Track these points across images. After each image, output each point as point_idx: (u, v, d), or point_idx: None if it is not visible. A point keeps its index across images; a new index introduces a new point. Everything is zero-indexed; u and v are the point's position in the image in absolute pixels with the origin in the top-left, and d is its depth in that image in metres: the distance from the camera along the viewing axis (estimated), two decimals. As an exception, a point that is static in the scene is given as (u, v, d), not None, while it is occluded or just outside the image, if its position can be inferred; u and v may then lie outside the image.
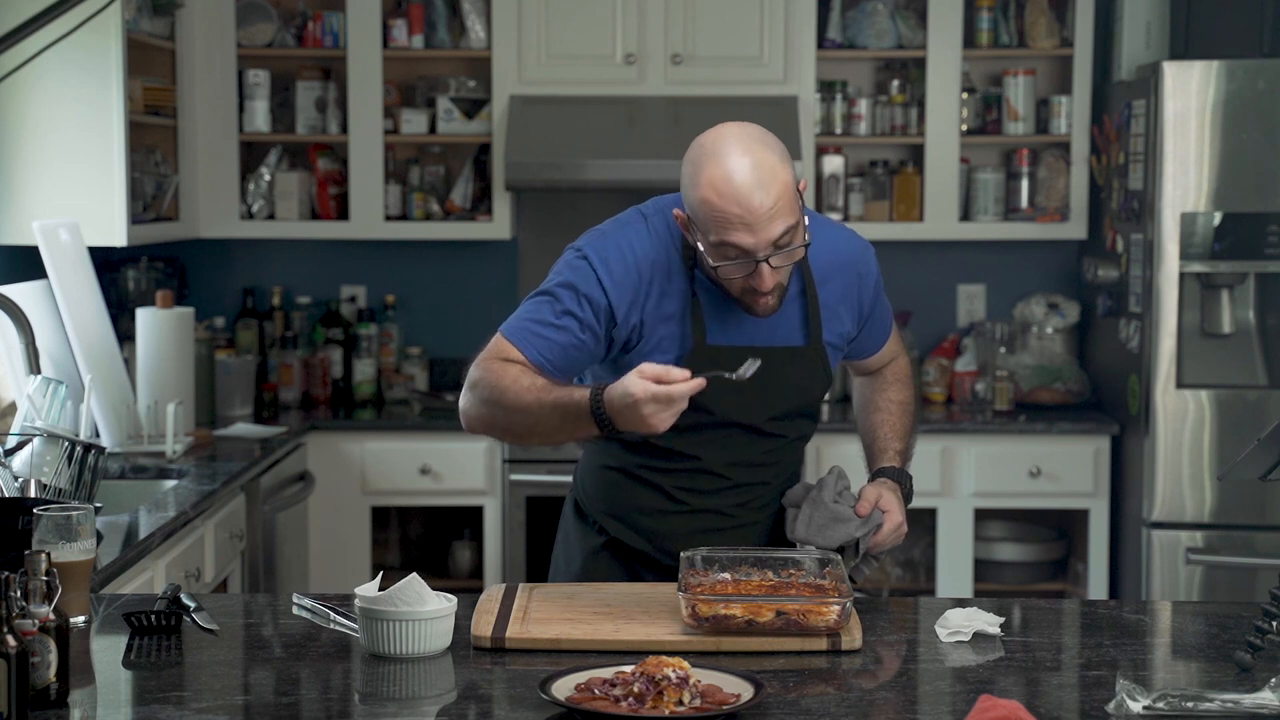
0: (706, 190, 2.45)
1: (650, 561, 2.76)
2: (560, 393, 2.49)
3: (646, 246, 2.60)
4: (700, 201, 2.47)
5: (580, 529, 2.83)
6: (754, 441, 2.70)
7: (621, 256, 2.59)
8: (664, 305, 2.60)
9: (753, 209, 2.43)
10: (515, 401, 2.51)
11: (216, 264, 5.39)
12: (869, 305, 2.80)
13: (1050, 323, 5.30)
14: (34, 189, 4.27)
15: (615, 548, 2.78)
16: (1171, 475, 4.58)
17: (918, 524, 5.17)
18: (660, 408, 2.36)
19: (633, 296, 2.58)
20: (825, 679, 2.23)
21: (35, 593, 2.07)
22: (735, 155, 2.45)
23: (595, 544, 2.79)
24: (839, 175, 5.21)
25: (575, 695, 2.04)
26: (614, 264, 2.58)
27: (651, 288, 2.59)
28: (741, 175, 2.44)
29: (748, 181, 2.43)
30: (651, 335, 2.60)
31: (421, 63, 5.24)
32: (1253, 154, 4.53)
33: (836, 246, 2.74)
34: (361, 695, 2.19)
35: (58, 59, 4.14)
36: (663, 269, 2.60)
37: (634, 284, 2.58)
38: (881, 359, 2.92)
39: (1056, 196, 5.19)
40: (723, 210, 2.44)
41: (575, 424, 2.48)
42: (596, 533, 2.80)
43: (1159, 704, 2.04)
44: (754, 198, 2.43)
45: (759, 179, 2.44)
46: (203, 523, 3.74)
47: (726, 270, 2.49)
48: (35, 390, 3.27)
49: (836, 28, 5.18)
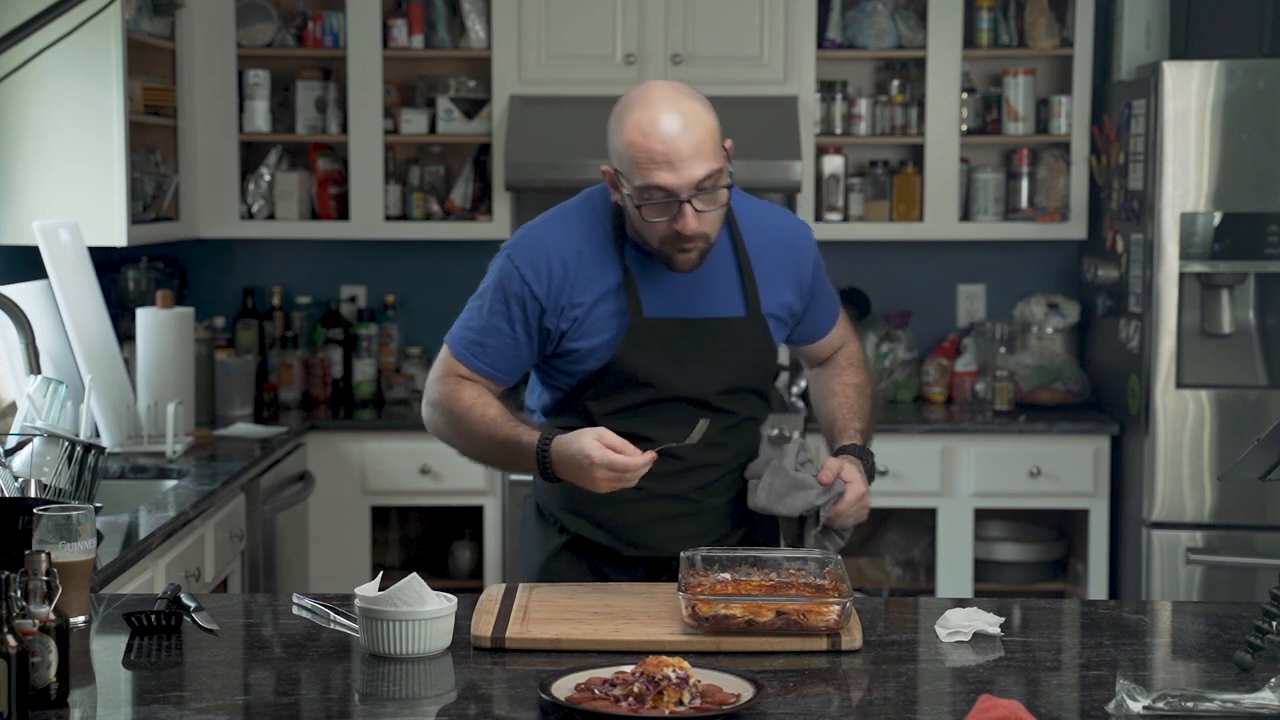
0: (631, 132, 2.53)
1: (612, 556, 2.76)
2: (509, 432, 2.63)
3: (569, 234, 2.68)
4: (625, 144, 2.54)
5: (541, 530, 2.84)
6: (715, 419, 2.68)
7: (543, 249, 2.66)
8: (596, 285, 2.66)
9: (676, 148, 2.51)
10: (469, 431, 2.68)
11: (216, 264, 5.39)
12: (809, 281, 2.83)
13: (1050, 323, 5.30)
14: (34, 189, 4.28)
15: (576, 546, 2.78)
16: (1171, 475, 4.58)
17: (918, 524, 5.17)
18: (613, 477, 2.49)
19: (559, 286, 2.65)
20: (825, 679, 2.23)
21: (35, 593, 2.07)
22: (660, 101, 2.56)
23: (556, 544, 2.79)
24: (839, 175, 5.21)
25: (575, 695, 2.05)
26: (536, 258, 2.66)
27: (580, 272, 2.65)
28: (665, 117, 2.53)
29: (671, 122, 2.53)
30: (588, 316, 2.65)
31: (421, 63, 5.24)
32: (1253, 154, 4.53)
33: (771, 221, 2.81)
34: (361, 695, 2.19)
35: (58, 59, 4.14)
36: (590, 251, 2.66)
37: (559, 273, 2.65)
38: (832, 343, 2.94)
39: (1056, 196, 5.19)
40: (646, 149, 2.52)
41: (522, 462, 2.62)
42: (558, 532, 2.80)
43: (1159, 704, 2.04)
44: (677, 137, 2.52)
45: (683, 121, 2.53)
46: (203, 523, 3.74)
47: (651, 212, 2.55)
48: (35, 390, 3.27)
49: (836, 28, 5.18)
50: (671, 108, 2.54)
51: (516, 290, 2.66)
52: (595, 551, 2.77)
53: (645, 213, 2.56)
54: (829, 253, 5.37)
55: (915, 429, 4.93)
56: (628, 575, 2.75)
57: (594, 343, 2.65)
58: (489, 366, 2.69)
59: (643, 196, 2.55)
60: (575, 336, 2.66)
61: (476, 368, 2.69)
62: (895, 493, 4.92)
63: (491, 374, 2.69)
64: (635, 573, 2.76)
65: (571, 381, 2.71)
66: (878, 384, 5.26)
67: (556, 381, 2.74)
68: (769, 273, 2.75)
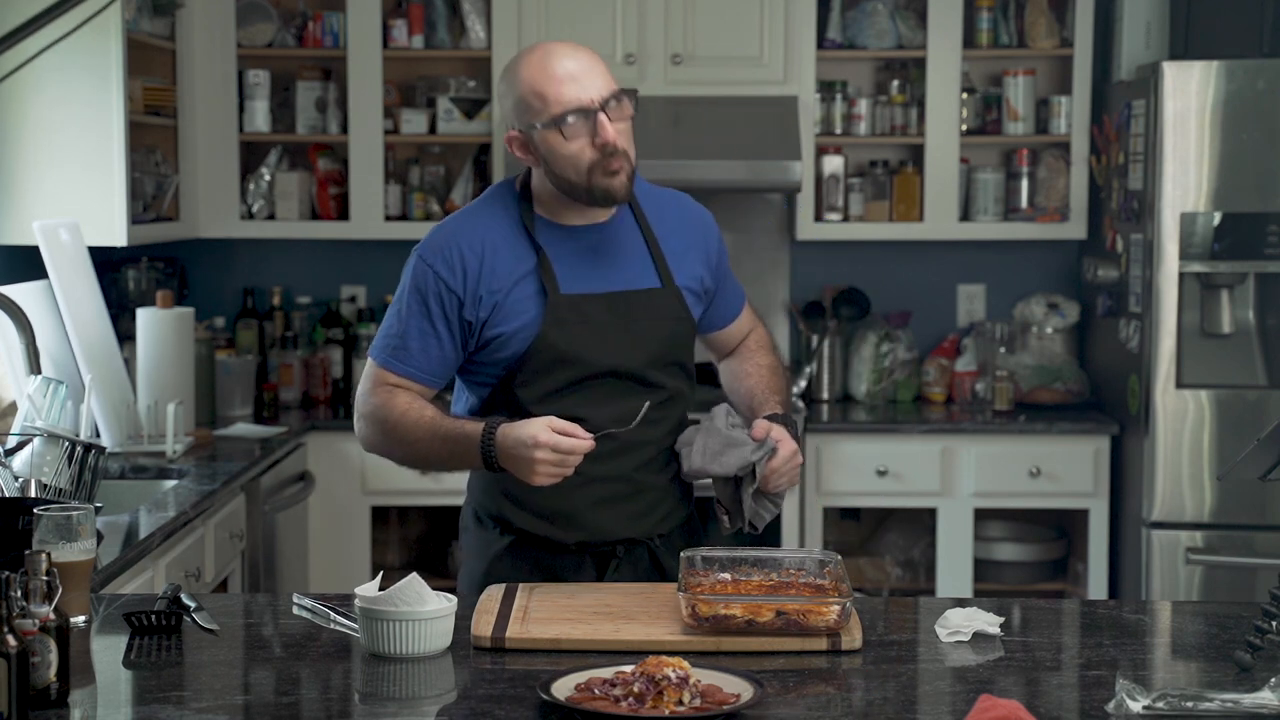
0: (529, 72, 2.62)
1: (556, 547, 2.74)
2: (451, 426, 2.63)
3: (477, 226, 2.72)
4: (527, 84, 2.62)
5: (480, 538, 2.82)
6: (636, 393, 2.69)
7: (453, 243, 2.70)
8: (511, 270, 2.68)
9: (576, 67, 2.61)
10: (407, 435, 2.67)
11: (216, 264, 5.39)
12: (716, 261, 2.87)
13: (1050, 323, 5.30)
14: (34, 189, 4.28)
15: (518, 547, 2.77)
16: (1171, 475, 4.58)
17: (918, 524, 5.17)
18: (555, 460, 2.49)
19: (474, 276, 2.68)
20: (825, 679, 2.24)
21: (35, 593, 2.07)
22: (545, 45, 2.67)
23: (499, 547, 2.78)
24: (839, 175, 5.21)
25: (575, 695, 2.05)
26: (447, 253, 2.69)
27: (493, 260, 2.68)
28: (557, 49, 2.65)
29: (563, 51, 2.64)
30: (505, 300, 2.67)
31: (421, 63, 5.24)
32: (1253, 154, 4.53)
33: (676, 203, 2.87)
34: (361, 695, 2.19)
35: (58, 59, 4.14)
36: (501, 239, 2.70)
37: (473, 263, 2.68)
38: (741, 328, 2.97)
39: (1056, 196, 5.19)
40: (549, 75, 2.60)
41: (465, 456, 2.62)
42: (498, 534, 2.79)
43: (1159, 704, 2.04)
44: (573, 58, 2.62)
45: (573, 49, 2.65)
46: (203, 523, 3.74)
47: (572, 134, 2.60)
48: (35, 390, 3.27)
49: (836, 28, 5.18)
50: (558, 45, 2.66)
51: (432, 288, 2.68)
52: (540, 546, 2.75)
53: (567, 134, 2.60)
54: (829, 252, 5.42)
55: (915, 429, 4.93)
56: (574, 567, 2.74)
57: (515, 325, 2.67)
58: (417, 370, 2.70)
59: (558, 122, 2.60)
60: (496, 322, 2.67)
61: (405, 373, 2.70)
62: (895, 493, 4.92)
63: (420, 377, 2.70)
64: (582, 564, 2.74)
65: (498, 372, 2.71)
66: (877, 384, 5.26)
67: (481, 378, 2.74)
68: (677, 250, 2.79)
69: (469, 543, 2.86)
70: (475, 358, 2.72)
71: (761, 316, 3.04)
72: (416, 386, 2.71)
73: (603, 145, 2.61)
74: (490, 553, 2.78)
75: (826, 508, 4.97)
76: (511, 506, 2.76)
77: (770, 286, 5.37)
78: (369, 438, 2.74)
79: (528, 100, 2.62)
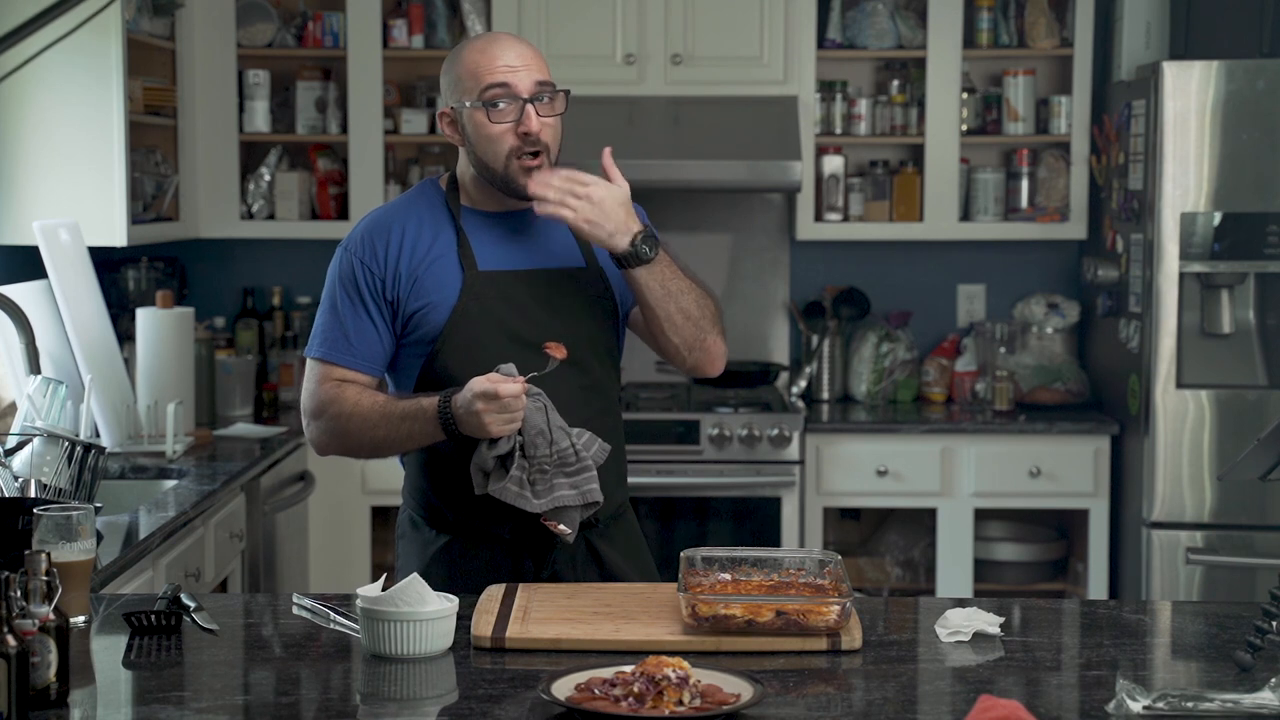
0: (472, 53, 2.70)
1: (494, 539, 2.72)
2: (407, 403, 2.67)
3: (398, 213, 2.78)
4: (466, 66, 2.70)
5: (416, 543, 2.82)
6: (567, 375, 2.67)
7: (374, 229, 2.76)
8: (431, 249, 2.73)
9: (517, 57, 2.69)
10: (362, 423, 2.69)
11: (216, 264, 5.39)
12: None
13: (1050, 323, 5.30)
14: (34, 189, 4.28)
15: (454, 547, 2.76)
16: (1171, 475, 4.58)
17: (918, 524, 5.17)
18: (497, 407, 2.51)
19: (394, 255, 2.72)
20: (825, 679, 2.24)
21: (35, 593, 2.07)
22: (492, 34, 2.78)
23: (435, 548, 2.78)
24: (839, 175, 5.21)
25: (575, 695, 2.05)
26: (368, 237, 2.75)
27: (414, 239, 2.73)
28: (500, 38, 2.74)
29: (506, 39, 2.73)
30: (425, 274, 2.71)
31: (421, 63, 5.24)
32: (1253, 154, 4.53)
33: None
34: (362, 695, 2.19)
35: (58, 59, 4.14)
36: (422, 222, 2.75)
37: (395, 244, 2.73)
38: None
39: (1056, 196, 5.19)
40: (488, 55, 2.68)
41: (424, 431, 2.64)
42: (435, 535, 2.79)
43: (1159, 704, 2.04)
44: (513, 46, 2.71)
45: (516, 39, 2.74)
46: (203, 523, 3.74)
47: (498, 115, 2.67)
48: (35, 390, 3.27)
49: (836, 28, 5.18)
50: (505, 35, 2.75)
51: (358, 273, 2.72)
52: (480, 542, 2.74)
53: (493, 117, 2.66)
54: (829, 252, 5.42)
55: (915, 429, 4.93)
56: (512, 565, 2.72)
57: (434, 299, 2.70)
58: (357, 359, 2.73)
59: (487, 98, 2.66)
60: (416, 295, 2.71)
61: (347, 363, 2.73)
62: (895, 493, 4.92)
63: (362, 366, 2.73)
64: (522, 562, 2.73)
65: (422, 351, 2.73)
66: (877, 384, 5.26)
67: (409, 361, 2.75)
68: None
69: (405, 548, 2.87)
70: (402, 341, 2.75)
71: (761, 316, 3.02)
72: (362, 377, 2.74)
73: (524, 134, 2.68)
74: (427, 554, 2.79)
75: (826, 508, 4.97)
76: (445, 505, 2.77)
77: (770, 286, 5.37)
78: (320, 437, 2.76)
79: (463, 79, 2.70)
